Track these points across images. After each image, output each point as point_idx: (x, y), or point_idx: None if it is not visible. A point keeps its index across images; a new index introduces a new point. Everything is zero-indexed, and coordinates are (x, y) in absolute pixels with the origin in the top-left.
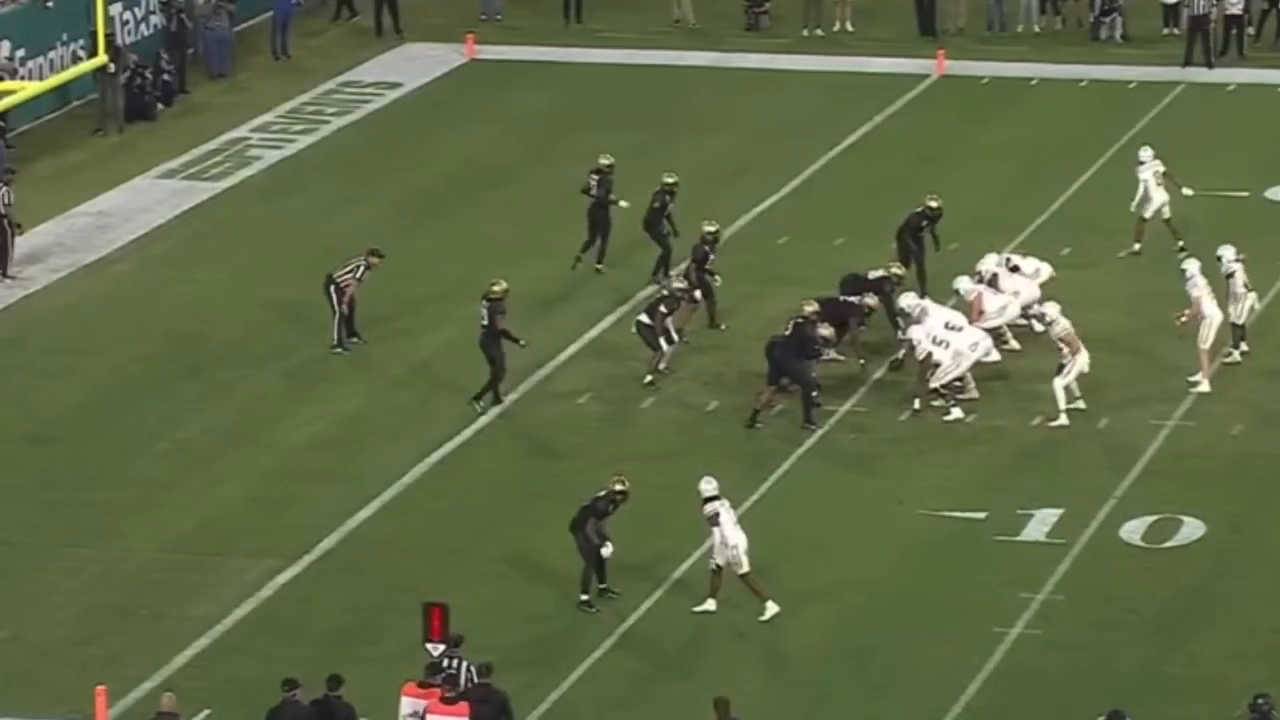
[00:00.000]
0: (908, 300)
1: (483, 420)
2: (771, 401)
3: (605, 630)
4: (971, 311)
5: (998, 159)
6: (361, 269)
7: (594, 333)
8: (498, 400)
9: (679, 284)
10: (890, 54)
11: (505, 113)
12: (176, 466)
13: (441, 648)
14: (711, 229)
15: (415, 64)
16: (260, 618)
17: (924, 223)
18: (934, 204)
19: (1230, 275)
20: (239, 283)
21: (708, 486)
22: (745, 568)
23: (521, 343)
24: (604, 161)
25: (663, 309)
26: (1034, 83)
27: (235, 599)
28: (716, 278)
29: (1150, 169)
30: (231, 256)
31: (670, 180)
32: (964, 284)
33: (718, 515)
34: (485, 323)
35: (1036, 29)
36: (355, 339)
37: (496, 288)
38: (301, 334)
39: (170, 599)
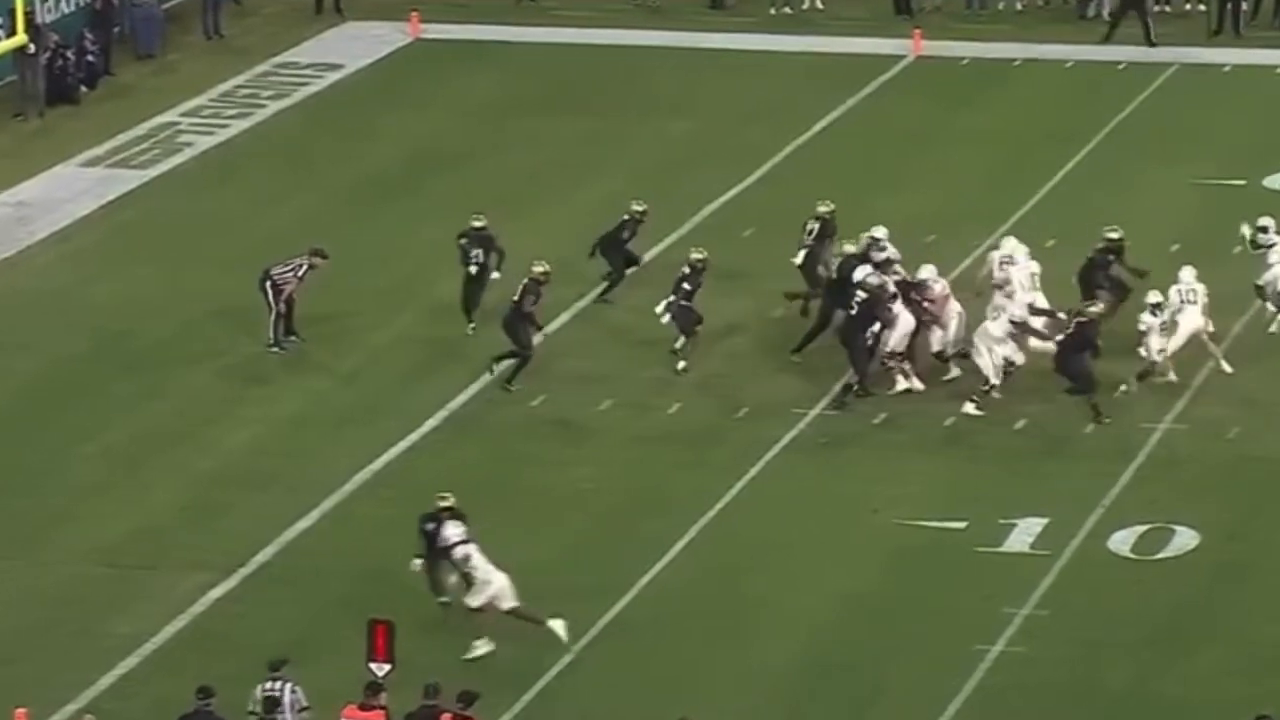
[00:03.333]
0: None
1: (429, 424)
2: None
3: (561, 649)
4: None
5: (978, 145)
6: (303, 268)
7: (551, 328)
8: (506, 385)
9: (697, 254)
10: (863, 33)
11: (453, 96)
12: (104, 472)
13: (387, 668)
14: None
15: (357, 44)
16: (192, 635)
17: (1111, 258)
18: (1114, 235)
19: (1271, 246)
20: (170, 278)
21: (453, 532)
22: (510, 603)
23: (543, 331)
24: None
25: (686, 286)
26: (1017, 64)
27: (166, 615)
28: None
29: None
30: (161, 250)
31: (639, 209)
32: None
33: (469, 558)
34: (516, 300)
35: (1019, 6)
36: (294, 338)
37: (538, 268)
38: (237, 332)
39: (96, 615)
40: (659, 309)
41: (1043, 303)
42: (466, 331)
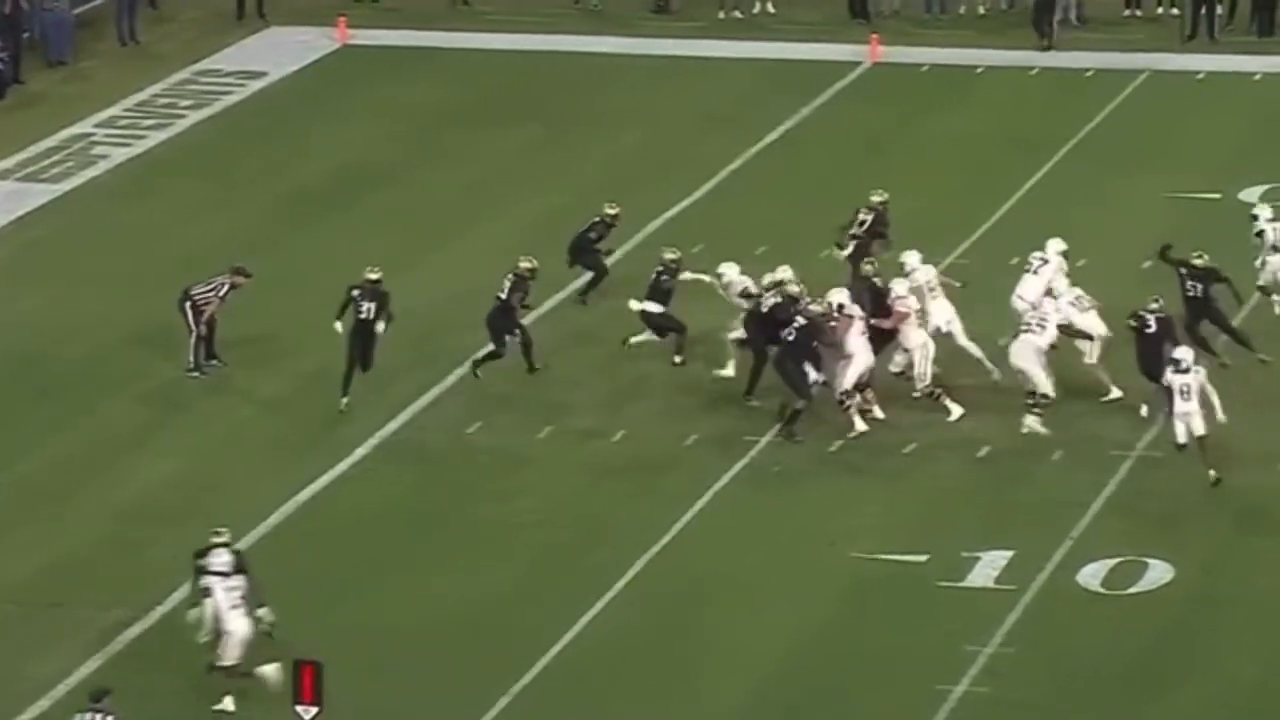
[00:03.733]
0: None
1: (359, 452)
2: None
3: (494, 693)
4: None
5: (938, 157)
6: (225, 288)
7: (485, 353)
8: (475, 369)
9: (670, 254)
10: (818, 39)
11: (383, 106)
12: (14, 505)
13: (314, 711)
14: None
15: (281, 50)
16: (109, 676)
17: None
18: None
19: (1260, 234)
20: (83, 298)
21: (219, 562)
22: (232, 660)
23: (515, 334)
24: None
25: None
26: (979, 71)
27: (80, 655)
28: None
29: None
30: (74, 268)
31: (612, 212)
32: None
33: (210, 590)
34: (503, 297)
35: (981, 10)
36: (214, 362)
37: (525, 264)
38: (155, 356)
39: (7, 655)
40: (633, 304)
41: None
42: (339, 407)
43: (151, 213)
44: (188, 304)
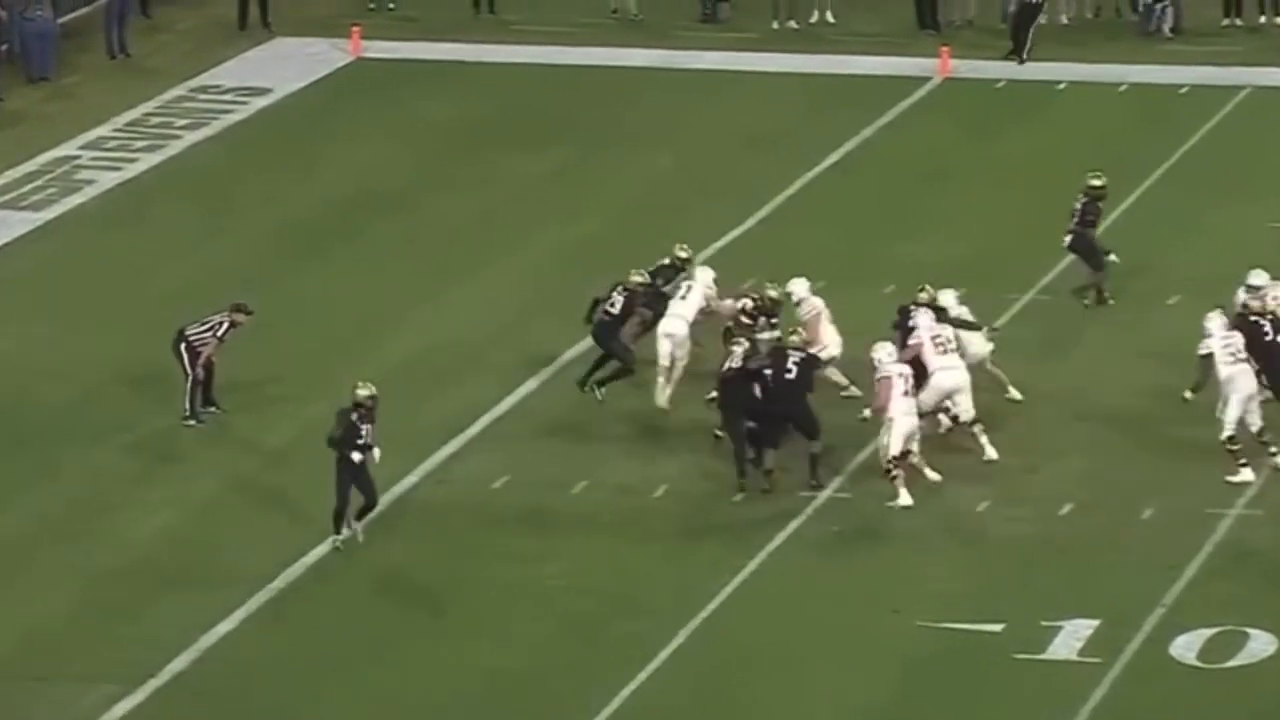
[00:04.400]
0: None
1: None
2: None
3: None
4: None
5: (1014, 181)
6: (223, 327)
7: (512, 400)
8: (597, 387)
9: (638, 277)
10: (882, 51)
11: (399, 125)
12: None
13: None
14: (684, 254)
15: (287, 64)
16: None
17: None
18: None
19: None
20: (68, 337)
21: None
22: None
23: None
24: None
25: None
26: (1061, 87)
27: None
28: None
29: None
30: (58, 304)
31: (684, 255)
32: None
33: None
34: (615, 312)
35: (1064, 20)
36: (213, 409)
37: (637, 277)
38: (147, 401)
39: None
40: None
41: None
42: (336, 544)
43: (143, 243)
44: (183, 345)
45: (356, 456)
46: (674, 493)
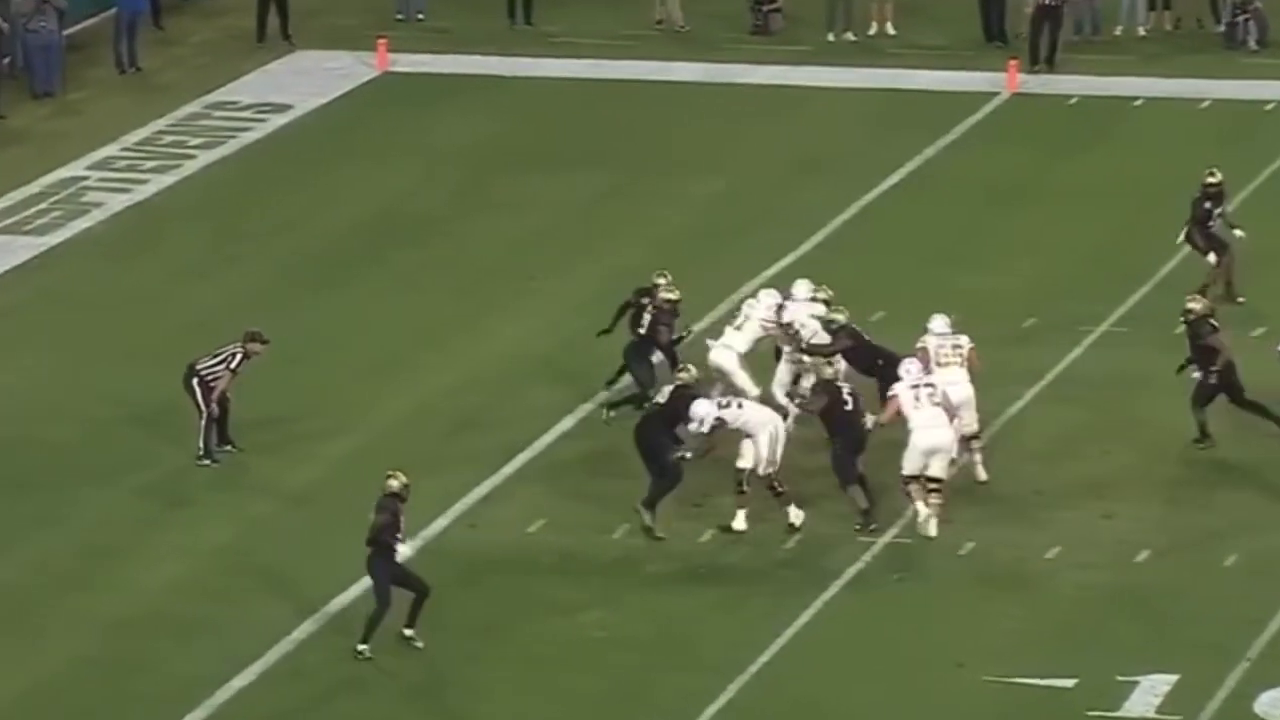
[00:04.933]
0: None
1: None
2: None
3: None
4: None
5: (1087, 205)
6: (236, 358)
7: (548, 439)
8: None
9: (668, 295)
10: (946, 65)
11: (428, 145)
12: None
13: None
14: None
15: (309, 79)
16: None
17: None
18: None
19: None
20: (74, 371)
21: None
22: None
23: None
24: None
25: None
26: (1138, 103)
27: None
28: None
29: None
30: (63, 336)
31: (671, 296)
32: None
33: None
34: (644, 331)
35: (1141, 31)
36: (228, 447)
37: (666, 294)
38: (158, 440)
39: None
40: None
41: None
42: (362, 654)
43: (154, 271)
44: (194, 380)
45: (404, 549)
46: (722, 537)
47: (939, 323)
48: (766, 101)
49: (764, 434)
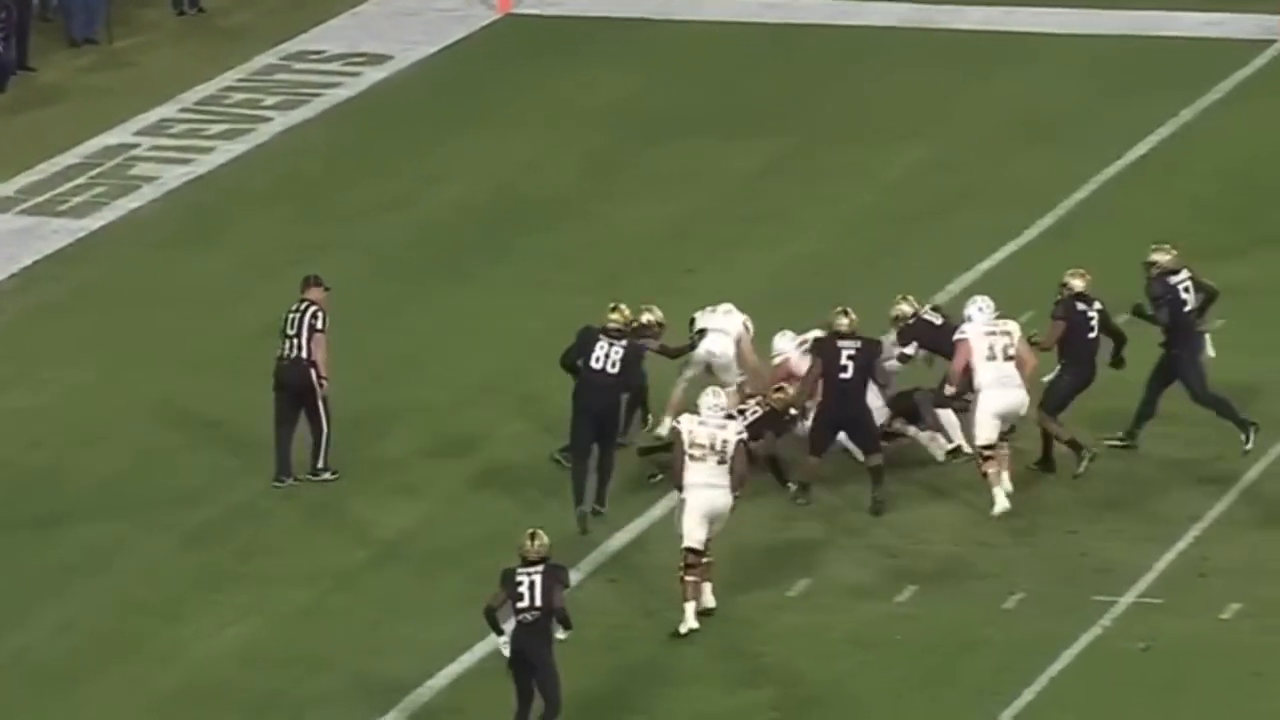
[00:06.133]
0: None
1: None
2: None
3: None
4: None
5: None
6: (317, 315)
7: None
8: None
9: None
10: (1206, 6)
11: (561, 105)
12: (17, 690)
13: None
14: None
15: (413, 23)
16: None
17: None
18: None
19: None
20: (119, 386)
21: None
22: None
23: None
24: (649, 318)
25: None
26: None
27: None
28: None
29: None
30: (107, 342)
31: (655, 319)
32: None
33: None
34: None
35: None
36: (292, 480)
37: (647, 315)
38: (223, 471)
39: None
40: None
41: None
42: None
43: (219, 263)
44: (312, 372)
45: (561, 635)
46: (923, 597)
47: (982, 308)
48: (980, 51)
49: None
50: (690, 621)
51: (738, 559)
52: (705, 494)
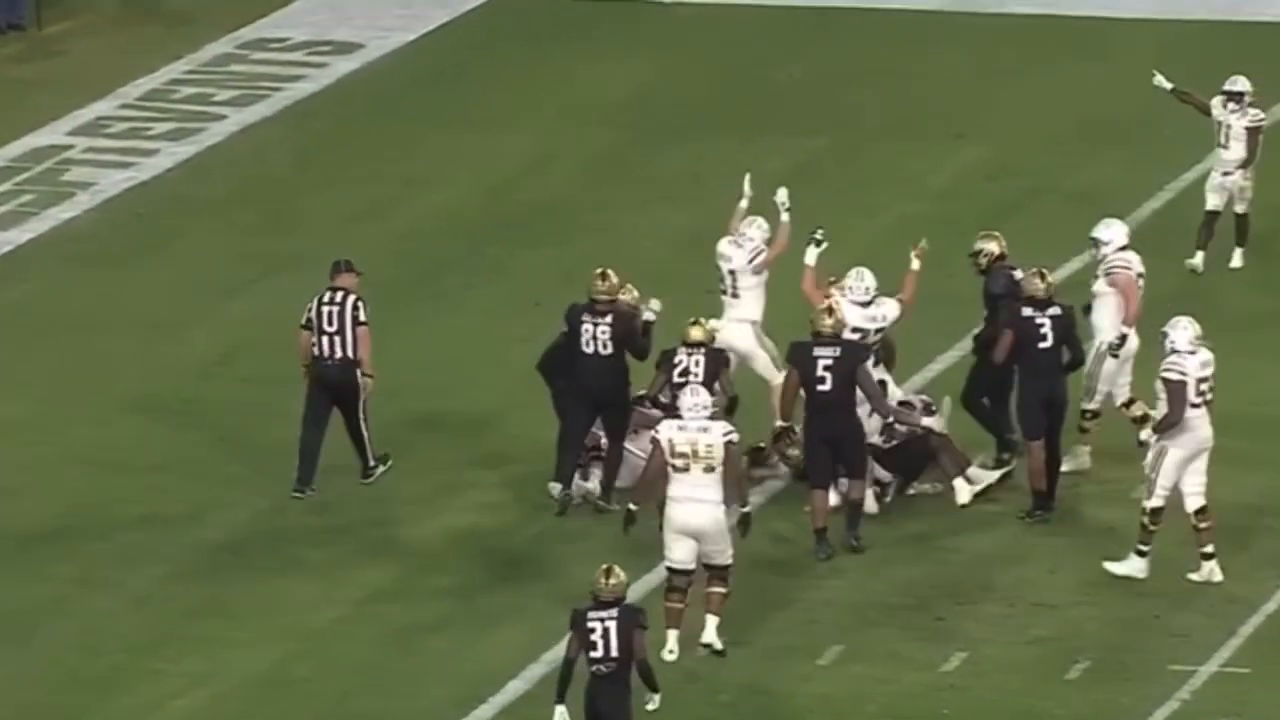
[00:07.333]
0: None
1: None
2: None
3: None
4: None
5: None
6: (352, 302)
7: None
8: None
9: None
10: None
11: (566, 97)
12: None
13: None
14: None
15: (388, 7)
16: None
17: None
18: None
19: None
20: (45, 426)
21: None
22: None
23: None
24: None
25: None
26: None
27: None
28: None
29: None
30: (33, 375)
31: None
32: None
33: None
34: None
35: None
36: (310, 490)
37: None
38: (165, 520)
39: None
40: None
41: None
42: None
43: (166, 282)
44: (357, 371)
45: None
46: (972, 666)
47: (1189, 335)
48: (1043, 37)
49: None
50: (672, 645)
51: (759, 620)
52: (684, 509)
